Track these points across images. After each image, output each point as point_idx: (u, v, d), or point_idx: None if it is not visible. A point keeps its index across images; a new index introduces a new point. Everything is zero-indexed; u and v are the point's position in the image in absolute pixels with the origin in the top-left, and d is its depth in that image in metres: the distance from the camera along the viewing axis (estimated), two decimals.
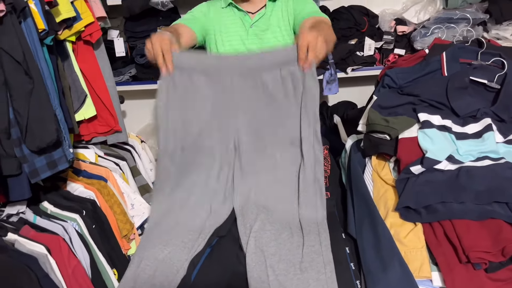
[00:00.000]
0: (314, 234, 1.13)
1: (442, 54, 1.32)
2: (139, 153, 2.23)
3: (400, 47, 2.40)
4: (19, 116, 1.22)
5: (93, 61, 1.84)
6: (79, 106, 1.76)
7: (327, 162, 1.42)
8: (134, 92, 2.75)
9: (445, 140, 1.16)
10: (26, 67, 1.18)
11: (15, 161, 1.29)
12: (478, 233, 0.97)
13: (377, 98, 1.33)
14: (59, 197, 1.65)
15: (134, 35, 2.57)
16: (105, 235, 1.67)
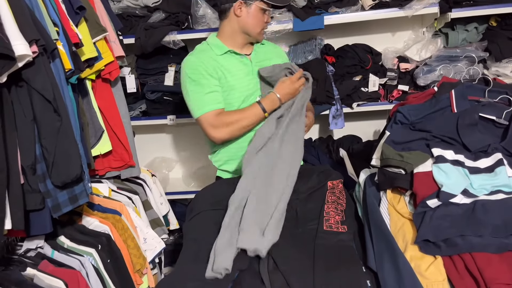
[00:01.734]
0: None
1: (451, 92, 1.38)
2: (150, 187, 2.25)
3: (403, 83, 2.48)
4: (47, 153, 1.26)
5: (110, 98, 1.90)
6: (96, 141, 1.81)
7: (342, 196, 1.45)
8: (143, 127, 2.81)
9: (459, 174, 1.20)
10: (55, 105, 1.23)
11: (39, 196, 1.31)
12: (499, 265, 1.00)
13: (390, 133, 1.38)
14: (75, 231, 1.67)
15: (145, 72, 2.65)
16: (119, 270, 1.68)
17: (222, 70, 1.77)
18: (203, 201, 1.52)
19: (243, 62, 1.82)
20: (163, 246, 1.98)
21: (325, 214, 1.35)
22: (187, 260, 1.29)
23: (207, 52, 1.80)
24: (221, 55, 1.80)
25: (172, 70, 2.62)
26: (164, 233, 2.19)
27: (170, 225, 2.41)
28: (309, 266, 1.17)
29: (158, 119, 2.67)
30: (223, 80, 1.77)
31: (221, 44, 1.81)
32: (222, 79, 1.77)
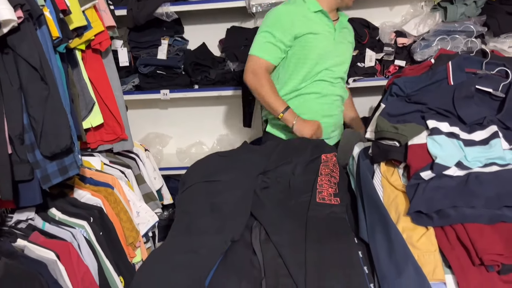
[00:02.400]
0: None
1: (448, 64, 1.35)
2: (144, 161, 2.24)
3: (400, 58, 2.45)
4: (35, 122, 1.23)
5: (101, 70, 1.86)
6: (87, 114, 1.78)
7: (335, 169, 1.44)
8: (136, 102, 2.77)
9: (454, 147, 1.19)
10: (42, 73, 1.20)
11: (27, 166, 1.29)
12: (491, 236, 0.99)
13: (386, 106, 1.36)
14: (66, 204, 1.66)
15: (138, 45, 2.60)
16: (112, 243, 1.67)
17: (308, 27, 1.85)
18: (195, 174, 1.51)
19: (329, 26, 1.91)
20: (156, 220, 1.98)
21: (318, 186, 1.34)
22: (179, 232, 1.28)
23: (300, 7, 1.88)
24: (314, 12, 1.88)
25: (165, 43, 2.57)
26: (158, 207, 2.18)
27: (164, 199, 2.40)
28: (301, 237, 1.17)
29: (151, 93, 2.63)
30: (304, 37, 1.85)
31: (316, 3, 1.89)
32: (303, 36, 1.85)
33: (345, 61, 2.00)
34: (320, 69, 1.89)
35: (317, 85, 1.90)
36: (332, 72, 1.92)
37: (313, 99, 1.91)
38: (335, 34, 1.92)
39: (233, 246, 1.19)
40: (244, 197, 1.32)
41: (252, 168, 1.45)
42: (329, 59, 1.90)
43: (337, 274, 1.05)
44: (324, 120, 1.92)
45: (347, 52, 2.02)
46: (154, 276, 1.12)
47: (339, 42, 1.95)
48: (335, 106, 1.98)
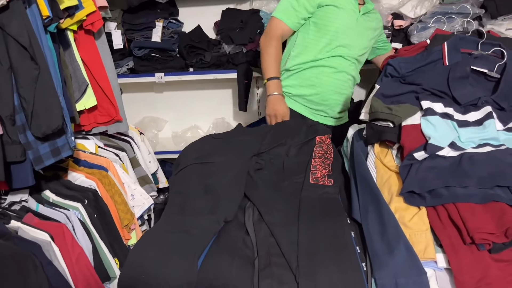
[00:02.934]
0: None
1: (444, 44, 1.34)
2: (138, 144, 2.23)
3: (397, 41, 2.43)
4: (25, 102, 1.22)
5: (94, 51, 1.83)
6: (80, 96, 1.76)
7: (329, 150, 1.44)
8: (131, 85, 2.75)
9: (448, 127, 1.18)
10: (32, 52, 1.18)
11: (19, 147, 1.29)
12: (482, 215, 1.00)
13: (380, 87, 1.35)
14: (60, 186, 1.65)
15: (132, 28, 2.57)
16: (107, 225, 1.68)
17: (335, 2, 1.85)
18: (189, 155, 1.50)
19: (354, 6, 1.89)
20: (151, 203, 1.98)
21: (312, 168, 1.34)
22: (172, 212, 1.28)
23: None
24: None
25: (159, 26, 2.54)
26: (153, 191, 2.18)
27: (159, 183, 2.40)
28: (293, 217, 1.17)
29: (146, 76, 2.61)
30: (328, 7, 1.85)
31: None
32: (326, 6, 1.85)
33: (363, 45, 1.96)
34: (338, 44, 1.87)
35: (335, 60, 1.88)
36: (349, 50, 1.90)
37: (328, 73, 1.89)
38: (359, 15, 1.90)
39: (226, 226, 1.19)
40: (237, 178, 1.32)
41: (245, 150, 1.45)
42: (348, 37, 1.88)
43: (329, 253, 1.05)
44: (335, 97, 1.92)
45: (367, 37, 1.97)
46: (148, 256, 1.12)
47: (361, 25, 1.92)
48: (347, 85, 1.96)
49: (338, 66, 1.90)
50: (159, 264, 1.09)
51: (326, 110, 1.96)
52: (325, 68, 1.89)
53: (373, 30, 2.01)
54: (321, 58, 1.88)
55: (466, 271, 0.95)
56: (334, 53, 1.88)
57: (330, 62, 1.89)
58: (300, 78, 1.92)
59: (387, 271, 0.99)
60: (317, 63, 1.89)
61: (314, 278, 1.00)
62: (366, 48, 1.99)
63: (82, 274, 1.41)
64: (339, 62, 1.90)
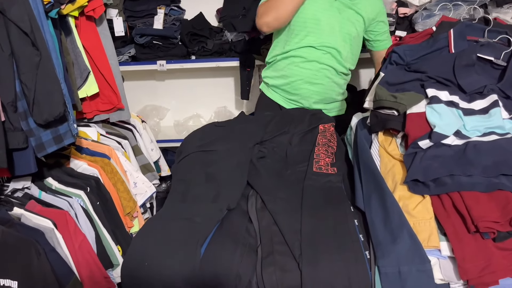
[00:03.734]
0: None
1: (450, 31, 1.32)
2: (140, 132, 2.22)
3: (401, 29, 2.40)
4: (27, 89, 1.21)
5: (96, 38, 1.82)
6: (82, 83, 1.75)
7: (333, 139, 1.43)
8: (133, 73, 2.73)
9: (453, 116, 1.17)
10: (33, 38, 1.17)
11: (21, 134, 1.28)
12: (487, 204, 0.99)
13: (385, 75, 1.33)
14: (63, 173, 1.65)
15: (133, 15, 2.55)
16: (109, 212, 1.68)
17: None
18: (192, 143, 1.50)
19: None
20: (153, 191, 1.98)
21: (315, 156, 1.33)
22: (175, 200, 1.28)
23: None
24: None
25: (161, 13, 2.52)
26: (155, 179, 2.18)
27: (162, 171, 2.40)
28: (297, 205, 1.17)
29: (148, 64, 2.59)
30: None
31: None
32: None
33: (342, 32, 1.84)
34: (306, 34, 1.82)
35: (304, 50, 1.84)
36: (319, 39, 1.82)
37: (297, 63, 1.86)
38: (334, 3, 1.82)
39: (229, 214, 1.19)
40: (239, 167, 1.32)
41: (248, 138, 1.44)
42: (317, 26, 1.81)
43: (332, 241, 1.05)
44: (306, 87, 1.88)
45: (347, 23, 1.85)
46: (150, 244, 1.12)
47: (339, 10, 1.82)
48: (321, 75, 1.87)
49: (308, 56, 1.84)
50: (161, 252, 1.09)
51: (300, 100, 1.91)
52: (294, 58, 1.86)
53: (357, 16, 1.86)
54: (290, 50, 1.85)
55: (470, 260, 0.95)
56: (303, 44, 1.83)
57: (299, 52, 1.85)
58: (275, 69, 1.93)
59: (391, 260, 0.98)
60: (287, 54, 1.87)
61: (317, 266, 1.01)
62: (349, 35, 1.85)
63: (85, 261, 1.41)
64: (308, 52, 1.84)
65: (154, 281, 1.06)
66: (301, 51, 1.84)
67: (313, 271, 1.00)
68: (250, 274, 1.05)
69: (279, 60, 1.90)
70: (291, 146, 1.41)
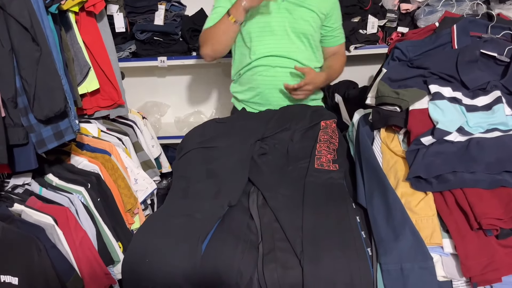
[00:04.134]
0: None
1: (453, 27, 1.32)
2: (141, 129, 2.22)
3: (403, 25, 2.39)
4: (27, 85, 1.20)
5: (96, 34, 1.80)
6: (82, 79, 1.74)
7: (335, 135, 1.42)
8: (133, 69, 2.72)
9: (456, 112, 1.17)
10: (33, 33, 1.16)
11: (22, 130, 1.27)
12: (490, 201, 0.99)
13: (387, 71, 1.33)
14: (63, 170, 1.64)
15: (134, 10, 2.53)
16: (110, 209, 1.67)
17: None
18: (193, 140, 1.49)
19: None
20: (154, 187, 1.97)
21: (317, 152, 1.33)
22: (176, 196, 1.28)
23: None
24: None
25: (162, 9, 2.50)
26: (156, 175, 2.17)
27: (162, 168, 2.39)
28: (298, 202, 1.16)
29: (148, 60, 2.58)
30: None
31: None
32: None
33: (296, 33, 1.76)
34: (262, 42, 1.75)
35: (263, 60, 1.77)
36: (276, 44, 1.74)
37: (261, 72, 1.78)
38: (281, 4, 1.73)
39: (231, 211, 1.18)
40: (241, 163, 1.31)
41: (249, 134, 1.44)
42: (272, 31, 1.74)
43: (334, 238, 1.05)
44: (275, 94, 1.79)
45: (300, 22, 1.75)
46: (151, 240, 1.12)
47: (288, 10, 1.74)
48: (287, 80, 1.76)
49: (269, 62, 1.77)
50: (162, 248, 1.09)
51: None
52: (257, 68, 1.78)
53: (310, 12, 1.76)
54: (251, 61, 1.78)
55: (472, 257, 0.94)
56: (261, 53, 1.76)
57: (260, 61, 1.77)
58: (241, 83, 1.86)
59: (393, 257, 0.98)
60: (249, 66, 1.80)
61: (318, 263, 1.00)
62: (304, 35, 1.77)
63: (86, 257, 1.41)
64: (268, 59, 1.77)
65: (155, 277, 1.06)
66: (261, 60, 1.77)
67: (314, 268, 0.99)
68: (251, 271, 1.04)
69: (244, 73, 1.84)
70: (292, 142, 1.40)
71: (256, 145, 1.40)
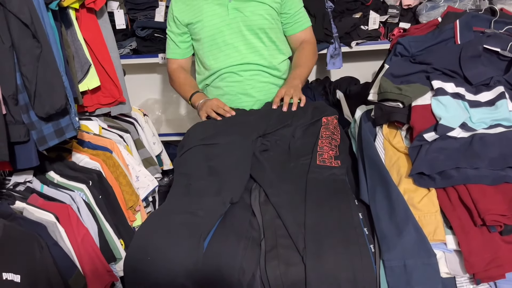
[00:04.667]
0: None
1: (456, 22, 1.31)
2: (142, 126, 2.21)
3: (405, 21, 2.38)
4: (28, 82, 1.20)
5: (97, 31, 1.80)
6: (83, 76, 1.73)
7: (336, 132, 1.42)
8: (134, 66, 2.72)
9: (459, 108, 1.16)
10: (34, 30, 1.15)
11: (23, 127, 1.27)
12: (493, 197, 0.98)
13: (389, 66, 1.32)
14: (65, 167, 1.64)
15: (135, 7, 2.52)
16: (112, 206, 1.67)
17: (192, 13, 1.69)
18: (194, 137, 1.49)
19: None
20: (156, 184, 1.97)
21: (319, 149, 1.32)
22: (177, 194, 1.27)
23: None
24: None
25: (162, 5, 2.49)
26: (157, 172, 2.17)
27: (164, 165, 2.39)
28: (300, 199, 1.16)
29: (149, 57, 2.57)
30: (191, 26, 1.72)
31: None
32: (190, 25, 1.72)
33: (252, 30, 1.69)
34: (222, 48, 1.70)
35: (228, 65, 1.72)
36: (236, 47, 1.70)
37: (226, 78, 1.75)
38: (229, 3, 1.66)
39: (233, 208, 1.18)
40: (242, 160, 1.31)
41: (251, 131, 1.43)
42: (226, 36, 1.69)
43: (336, 234, 1.04)
44: (245, 99, 1.74)
45: (253, 17, 1.67)
46: (153, 237, 1.12)
47: (237, 8, 1.67)
48: (255, 81, 1.74)
49: (233, 68, 1.72)
50: (164, 246, 1.08)
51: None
52: (223, 75, 1.74)
53: (262, 5, 1.67)
54: (217, 70, 1.74)
55: (476, 253, 0.94)
56: (224, 59, 1.71)
57: (225, 69, 1.73)
58: (210, 93, 1.80)
59: (396, 253, 0.97)
60: (215, 74, 1.76)
61: (321, 259, 1.00)
62: (262, 30, 1.69)
63: (88, 254, 1.41)
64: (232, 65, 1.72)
65: (157, 274, 1.05)
66: (226, 68, 1.72)
67: (317, 264, 0.99)
68: (254, 268, 1.04)
69: (211, 82, 1.79)
70: (294, 139, 1.39)
71: (257, 141, 1.40)
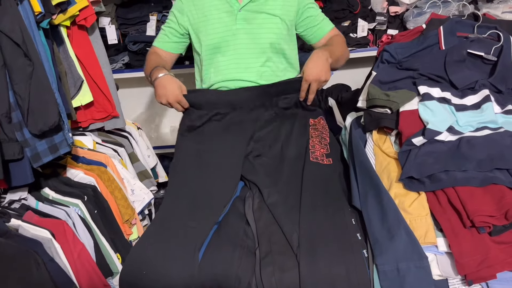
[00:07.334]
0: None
1: (440, 28, 1.34)
2: (137, 139, 2.22)
3: (393, 27, 2.42)
4: (20, 99, 1.21)
5: (88, 47, 1.82)
6: (76, 92, 1.75)
7: (325, 131, 1.44)
8: (127, 80, 2.73)
9: (445, 112, 1.18)
10: (25, 49, 1.17)
11: (17, 145, 1.28)
12: (482, 198, 1.00)
13: (377, 73, 1.34)
14: (59, 183, 1.65)
15: (126, 22, 2.55)
16: (107, 220, 1.67)
17: (198, 14, 1.56)
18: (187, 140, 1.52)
19: (230, 4, 1.53)
20: (151, 197, 1.98)
21: (311, 147, 1.35)
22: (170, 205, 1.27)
23: None
24: None
25: (153, 19, 2.52)
26: (153, 185, 2.18)
27: (159, 177, 2.40)
28: (295, 198, 1.18)
29: (142, 71, 2.57)
30: (195, 27, 1.57)
31: None
32: (193, 26, 1.57)
33: (260, 45, 1.53)
34: (225, 62, 1.55)
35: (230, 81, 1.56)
36: (241, 63, 1.54)
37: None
38: (237, 14, 1.52)
39: (227, 217, 1.19)
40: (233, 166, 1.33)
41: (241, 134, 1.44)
42: (233, 49, 1.53)
43: (330, 240, 1.06)
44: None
45: (262, 31, 1.53)
46: (148, 251, 1.12)
47: (246, 19, 1.53)
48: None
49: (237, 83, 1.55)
50: (159, 259, 1.09)
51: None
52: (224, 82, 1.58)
53: (272, 18, 1.54)
54: (217, 82, 1.58)
55: (467, 254, 0.95)
56: (226, 76, 1.55)
57: (226, 83, 1.57)
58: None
59: (388, 257, 0.99)
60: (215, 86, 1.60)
61: (315, 256, 1.02)
62: (270, 45, 1.53)
63: (85, 270, 1.41)
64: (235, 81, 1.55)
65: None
66: (228, 83, 1.56)
67: (311, 262, 1.01)
68: (249, 276, 1.05)
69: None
70: (285, 140, 1.40)
71: (250, 145, 1.40)
